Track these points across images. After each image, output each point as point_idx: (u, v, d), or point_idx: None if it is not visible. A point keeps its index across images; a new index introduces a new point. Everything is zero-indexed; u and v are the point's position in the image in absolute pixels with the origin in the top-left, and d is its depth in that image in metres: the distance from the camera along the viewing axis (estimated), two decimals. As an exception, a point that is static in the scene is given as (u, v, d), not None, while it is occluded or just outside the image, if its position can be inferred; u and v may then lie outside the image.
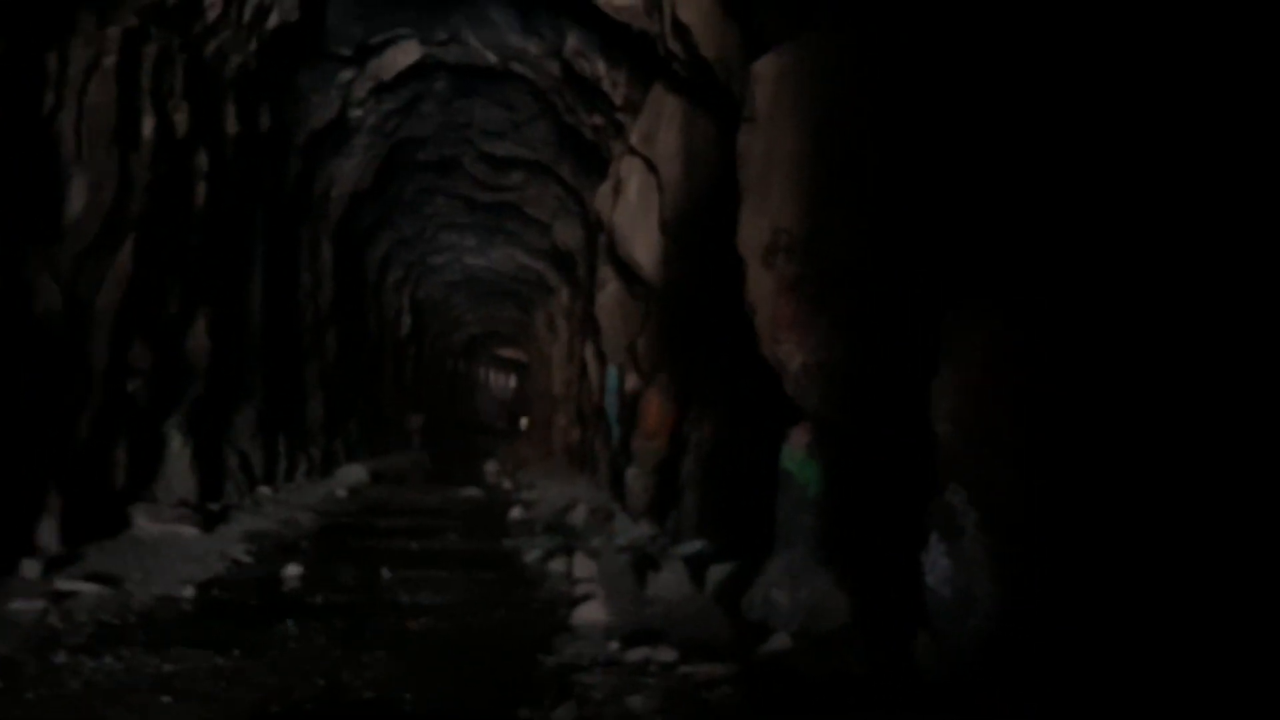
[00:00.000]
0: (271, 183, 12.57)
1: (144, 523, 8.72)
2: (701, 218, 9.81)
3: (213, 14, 9.29)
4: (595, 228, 14.07)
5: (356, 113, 14.06)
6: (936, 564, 4.02)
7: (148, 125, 8.27)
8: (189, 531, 8.82)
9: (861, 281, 5.63)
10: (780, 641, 5.10)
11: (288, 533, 9.68)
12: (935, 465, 4.06)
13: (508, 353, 40.39)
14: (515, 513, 10.93)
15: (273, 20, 10.44)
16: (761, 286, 6.08)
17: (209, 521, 9.32)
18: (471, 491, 14.39)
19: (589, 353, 14.54)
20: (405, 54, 13.17)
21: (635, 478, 10.24)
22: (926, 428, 4.14)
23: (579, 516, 10.29)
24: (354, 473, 15.32)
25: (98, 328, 7.97)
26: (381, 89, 13.73)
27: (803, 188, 6.07)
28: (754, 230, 6.26)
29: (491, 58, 13.23)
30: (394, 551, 8.87)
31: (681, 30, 9.26)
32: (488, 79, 13.93)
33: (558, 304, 21.92)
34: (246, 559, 8.17)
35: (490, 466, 18.90)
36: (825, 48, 6.21)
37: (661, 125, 10.53)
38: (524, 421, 26.51)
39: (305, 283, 14.60)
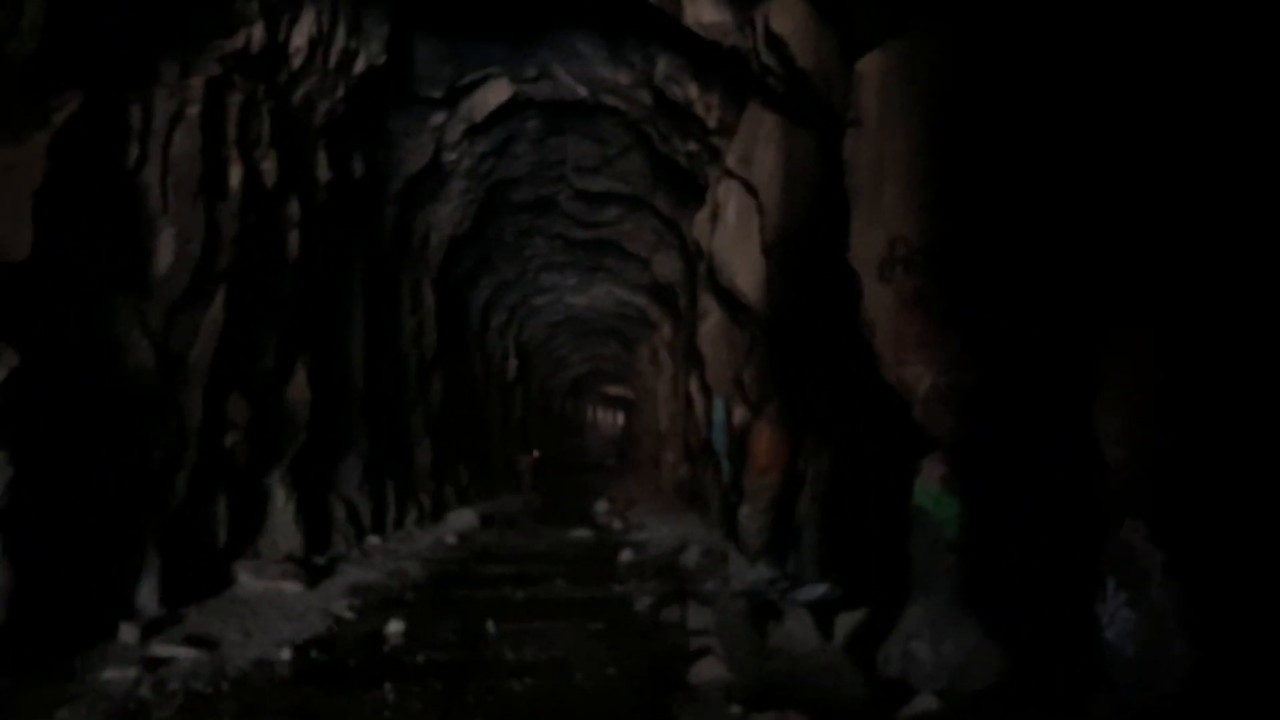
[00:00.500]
0: (368, 230, 12.38)
1: (247, 580, 8.44)
2: (805, 238, 9.23)
3: (298, 60, 9.09)
4: (694, 258, 13.58)
5: (450, 156, 13.85)
6: (1116, 616, 3.36)
7: (235, 175, 8.05)
8: (292, 588, 8.51)
9: (995, 293, 4.99)
10: (925, 703, 4.45)
11: (394, 584, 9.31)
12: (1106, 497, 3.41)
13: (614, 390, 40.09)
14: (625, 555, 10.40)
15: (359, 65, 10.24)
16: (879, 302, 5.48)
17: (313, 576, 9.01)
18: (581, 533, 13.92)
19: (694, 386, 13.99)
20: (495, 93, 12.91)
21: (749, 516, 9.63)
22: (1090, 454, 3.49)
23: (691, 558, 9.71)
24: (464, 518, 14.99)
25: (192, 382, 7.73)
26: (474, 130, 13.50)
27: (920, 194, 5.47)
28: (867, 242, 5.67)
29: (581, 91, 12.89)
30: (500, 601, 8.42)
31: (775, 42, 8.74)
32: (579, 113, 13.59)
33: (660, 338, 21.47)
34: (349, 615, 7.79)
35: (600, 506, 18.42)
36: (936, 41, 5.62)
37: (758, 144, 10.00)
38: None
39: (408, 329, 14.39)
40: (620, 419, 46.02)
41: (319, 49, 9.36)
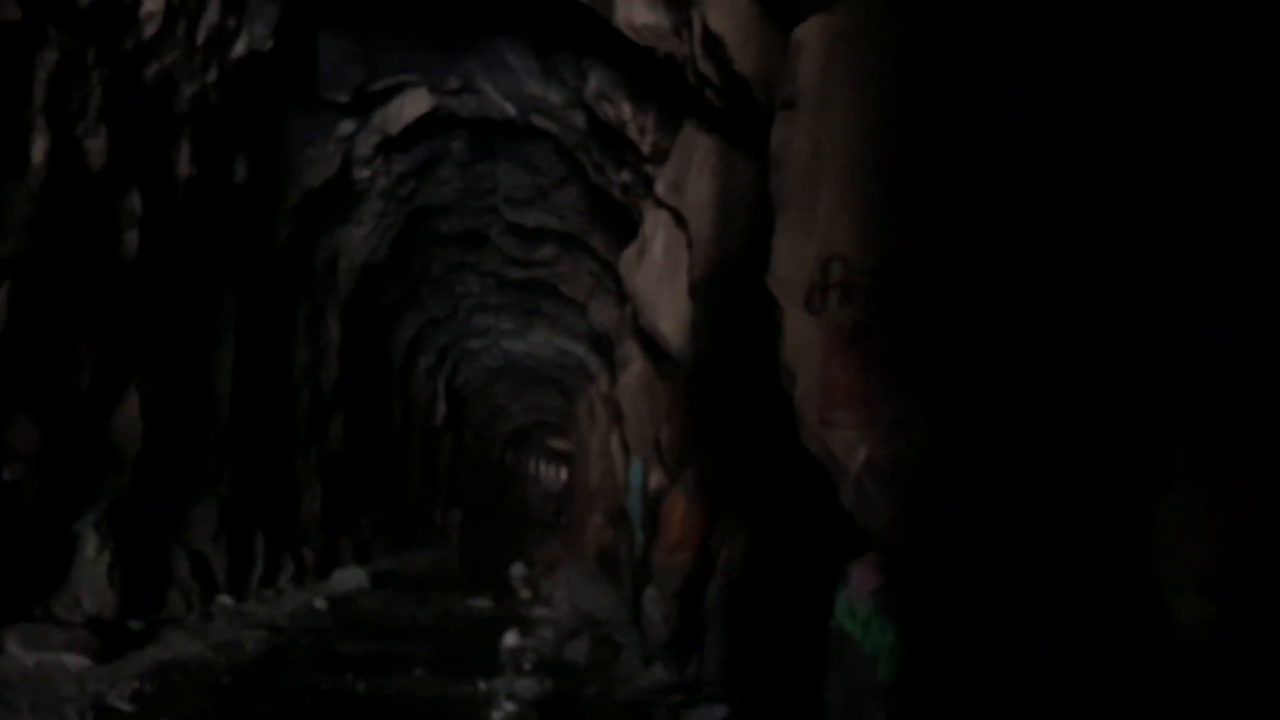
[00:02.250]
0: (252, 244, 10.72)
1: (15, 650, 6.65)
2: (736, 277, 7.70)
3: (151, 28, 7.52)
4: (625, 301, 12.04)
5: (363, 173, 12.28)
6: None
7: (38, 147, 6.41)
8: (76, 662, 6.71)
9: (967, 330, 3.46)
10: None
11: (216, 662, 7.53)
12: (1177, 678, 1.84)
13: (557, 443, 38.35)
14: (510, 639, 8.68)
15: (239, 48, 8.68)
16: (804, 341, 3.94)
17: (115, 647, 7.21)
18: (480, 602, 12.16)
19: (614, 443, 12.37)
20: (414, 104, 11.39)
21: (654, 602, 7.97)
22: (1135, 597, 1.92)
23: (582, 650, 8.02)
24: (352, 577, 13.17)
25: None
26: (390, 145, 11.96)
27: (868, 197, 3.95)
28: (793, 259, 4.14)
29: (510, 109, 11.40)
30: (334, 695, 6.70)
31: (713, 43, 7.28)
32: (509, 136, 12.10)
33: (597, 391, 19.85)
34: (125, 707, 6.02)
35: (516, 570, 16.63)
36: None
37: (692, 170, 8.51)
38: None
39: (301, 361, 12.68)
40: (564, 474, 44.23)
41: (180, 19, 7.80)
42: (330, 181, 11.72)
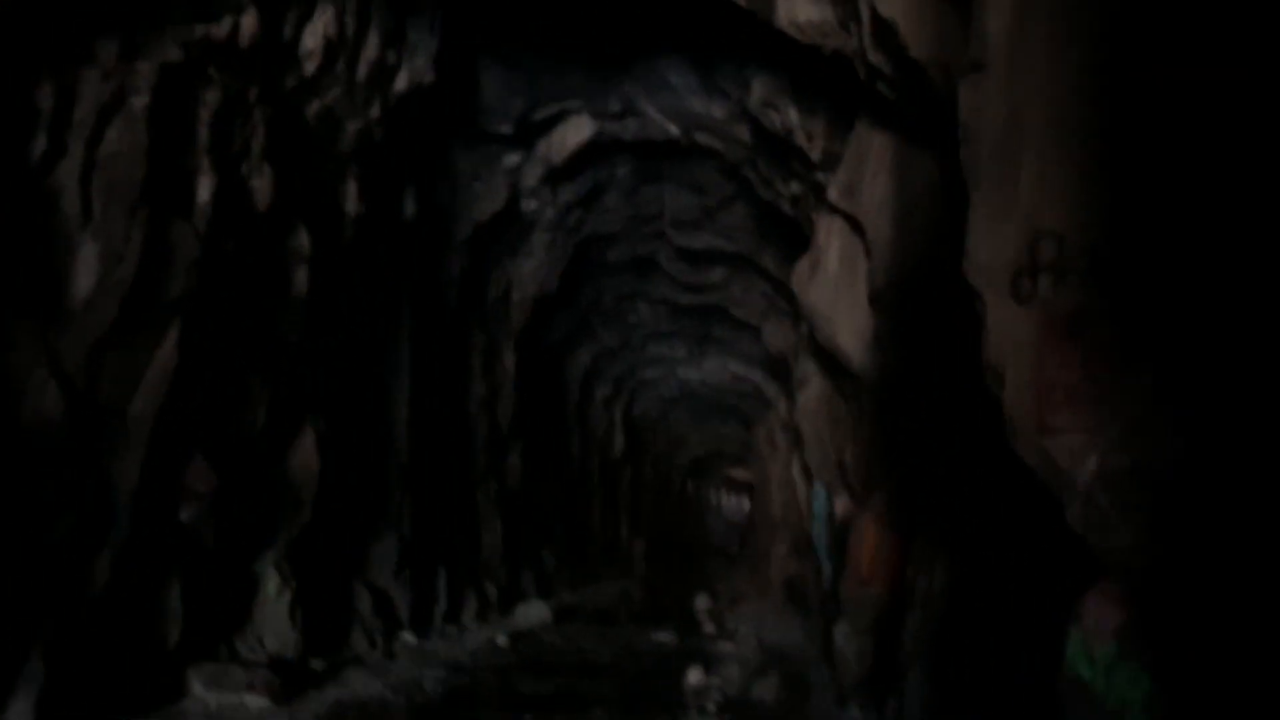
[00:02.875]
0: (424, 279, 10.72)
1: (202, 691, 6.63)
2: (923, 283, 7.09)
3: (311, 65, 7.53)
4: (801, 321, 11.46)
5: (530, 205, 12.20)
6: None
7: (204, 188, 6.44)
8: (256, 703, 6.65)
9: (1214, 311, 2.81)
10: None
11: (395, 702, 7.36)
12: None
13: (737, 473, 37.72)
14: (694, 677, 8.20)
15: (401, 83, 8.65)
16: (1012, 333, 3.34)
17: (296, 686, 7.14)
18: (663, 636, 11.74)
19: (795, 469, 11.76)
20: (576, 131, 11.22)
21: (846, 638, 7.35)
22: None
23: (769, 689, 7.46)
24: (535, 611, 12.98)
25: (128, 440, 6.04)
26: (555, 175, 11.82)
27: (1080, 163, 3.33)
28: (993, 241, 3.55)
29: (673, 129, 11.08)
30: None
31: (884, 31, 6.71)
32: (672, 157, 11.79)
33: (776, 417, 19.23)
34: (299, 751, 5.87)
35: (701, 602, 16.15)
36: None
37: (867, 171, 7.93)
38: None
39: (478, 395, 12.64)
40: (746, 504, 43.55)
41: (341, 55, 7.79)
42: (498, 214, 11.67)
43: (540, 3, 9.20)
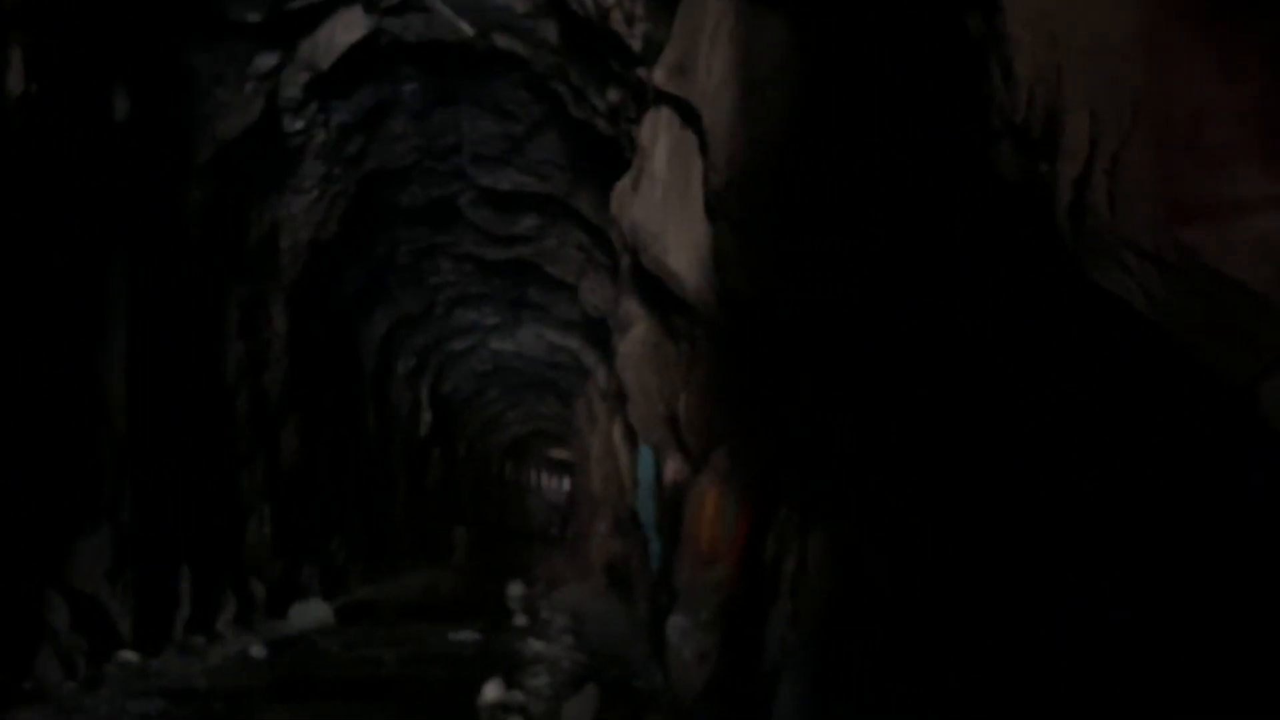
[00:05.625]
0: (153, 210, 8.36)
1: None
2: (776, 181, 5.38)
3: None
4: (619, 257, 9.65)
5: (296, 124, 9.92)
6: None
7: None
8: None
9: None
10: None
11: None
12: None
13: (558, 453, 36.00)
14: (491, 692, 6.27)
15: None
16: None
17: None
18: (465, 635, 9.75)
19: (616, 432, 9.97)
20: (347, 27, 9.03)
21: (683, 634, 5.57)
22: None
23: (586, 709, 5.60)
24: (313, 612, 10.77)
25: None
26: (325, 87, 9.59)
27: None
28: None
29: (467, 28, 9.05)
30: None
31: None
32: (468, 70, 9.75)
33: (594, 386, 17.47)
34: None
35: (514, 590, 14.23)
36: None
37: (702, 44, 6.14)
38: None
39: (236, 357, 10.28)
40: (567, 484, 41.89)
41: None
42: (252, 132, 9.35)
43: None
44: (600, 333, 15.09)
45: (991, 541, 2.53)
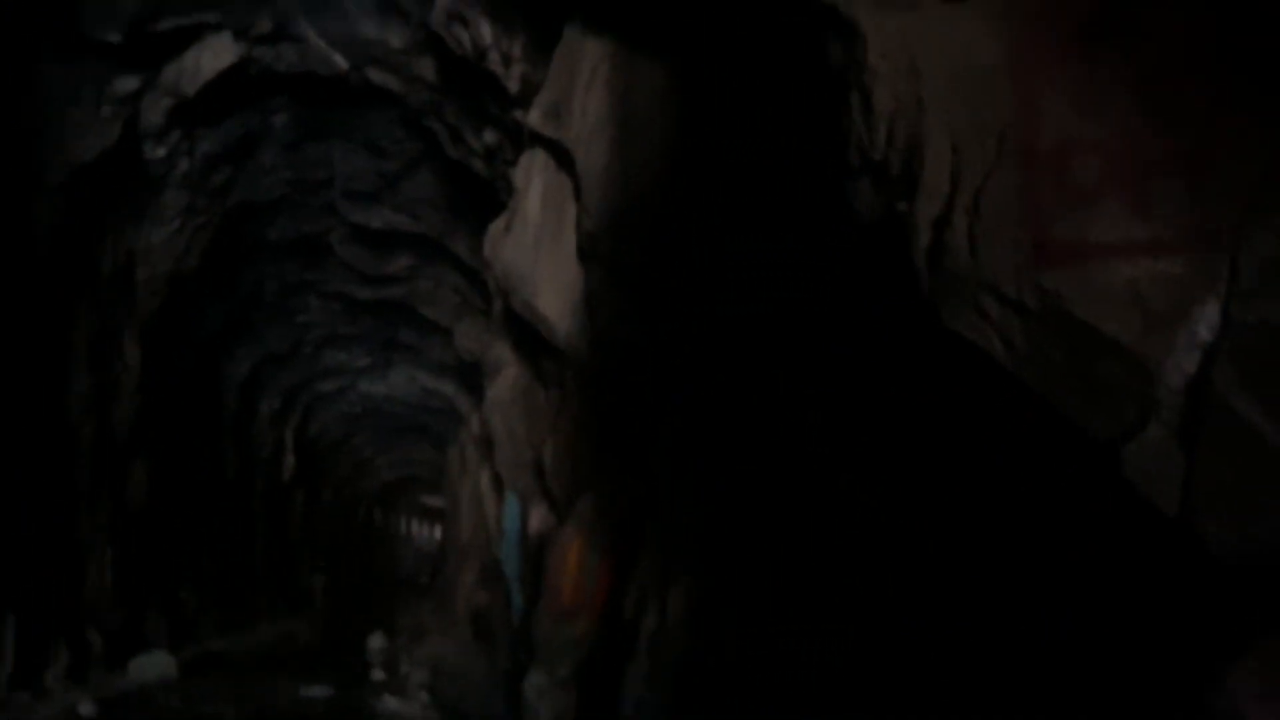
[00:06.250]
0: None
1: None
2: (649, 223, 5.29)
3: None
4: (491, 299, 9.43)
5: (158, 151, 9.45)
6: None
7: None
8: None
9: None
10: None
11: None
12: None
13: (431, 500, 35.10)
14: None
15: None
16: None
17: None
18: (317, 691, 9.27)
19: (485, 482, 9.69)
20: (215, 54, 8.67)
21: (539, 693, 5.33)
22: None
23: (435, 772, 5.29)
24: (155, 665, 10.11)
25: None
26: (190, 115, 9.17)
27: None
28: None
29: (341, 61, 8.80)
30: None
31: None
32: (342, 104, 9.48)
33: (468, 434, 17.07)
34: None
35: (375, 642, 13.69)
36: None
37: (578, 86, 6.04)
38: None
39: (82, 392, 9.65)
40: (438, 532, 40.90)
41: None
42: (109, 156, 8.85)
43: None
44: (475, 378, 14.74)
45: (843, 596, 2.42)
